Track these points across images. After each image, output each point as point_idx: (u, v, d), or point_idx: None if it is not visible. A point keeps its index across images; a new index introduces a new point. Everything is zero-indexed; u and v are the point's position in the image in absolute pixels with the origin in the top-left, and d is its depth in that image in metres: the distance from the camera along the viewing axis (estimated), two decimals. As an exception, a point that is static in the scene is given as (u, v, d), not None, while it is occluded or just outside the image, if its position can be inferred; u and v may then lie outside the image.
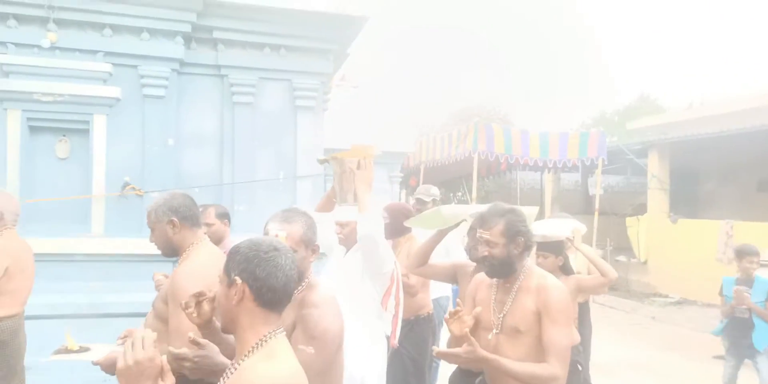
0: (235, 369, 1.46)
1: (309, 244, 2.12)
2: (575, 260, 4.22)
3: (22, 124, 4.59)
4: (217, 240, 3.82)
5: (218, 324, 1.88)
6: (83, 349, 2.61)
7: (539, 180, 16.13)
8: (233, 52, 5.06)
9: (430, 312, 4.10)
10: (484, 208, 3.07)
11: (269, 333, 1.48)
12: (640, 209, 12.73)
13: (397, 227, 3.81)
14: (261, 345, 1.46)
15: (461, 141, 10.66)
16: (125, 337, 2.68)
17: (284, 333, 1.53)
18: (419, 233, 4.04)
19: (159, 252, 2.58)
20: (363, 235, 2.95)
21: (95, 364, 2.29)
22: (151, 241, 2.53)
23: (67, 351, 2.60)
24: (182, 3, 4.68)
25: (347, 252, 3.29)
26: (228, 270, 1.52)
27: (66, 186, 4.78)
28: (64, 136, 4.78)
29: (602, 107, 26.76)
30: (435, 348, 2.37)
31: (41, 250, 4.52)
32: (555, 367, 2.24)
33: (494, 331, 2.40)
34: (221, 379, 1.53)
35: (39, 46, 4.56)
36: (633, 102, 26.18)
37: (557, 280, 2.42)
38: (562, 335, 2.27)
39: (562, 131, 11.26)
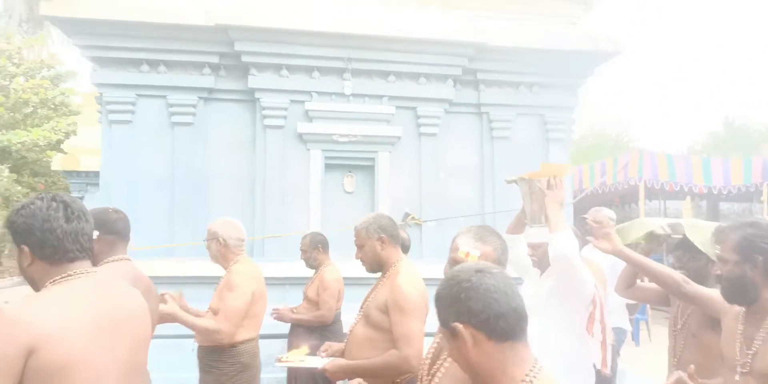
0: None
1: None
2: None
3: (321, 162, 5.18)
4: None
5: None
6: (299, 361, 2.90)
7: (659, 209, 15.65)
8: (492, 91, 5.53)
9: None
10: (679, 221, 2.96)
11: (530, 372, 1.23)
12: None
13: None
14: None
15: (620, 169, 10.77)
16: (326, 350, 2.89)
17: (543, 368, 1.27)
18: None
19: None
20: (555, 256, 2.79)
21: (321, 369, 2.48)
22: (357, 258, 2.64)
23: (288, 361, 2.89)
24: (458, 49, 5.21)
25: (541, 275, 3.13)
26: (444, 322, 1.29)
27: (353, 217, 5.28)
28: (350, 172, 5.34)
29: (712, 130, 26.12)
30: None
31: (344, 275, 5.02)
32: None
33: (740, 370, 1.98)
34: None
35: (337, 94, 5.18)
36: (721, 128, 25.46)
37: None
38: None
39: (724, 157, 11.18)
